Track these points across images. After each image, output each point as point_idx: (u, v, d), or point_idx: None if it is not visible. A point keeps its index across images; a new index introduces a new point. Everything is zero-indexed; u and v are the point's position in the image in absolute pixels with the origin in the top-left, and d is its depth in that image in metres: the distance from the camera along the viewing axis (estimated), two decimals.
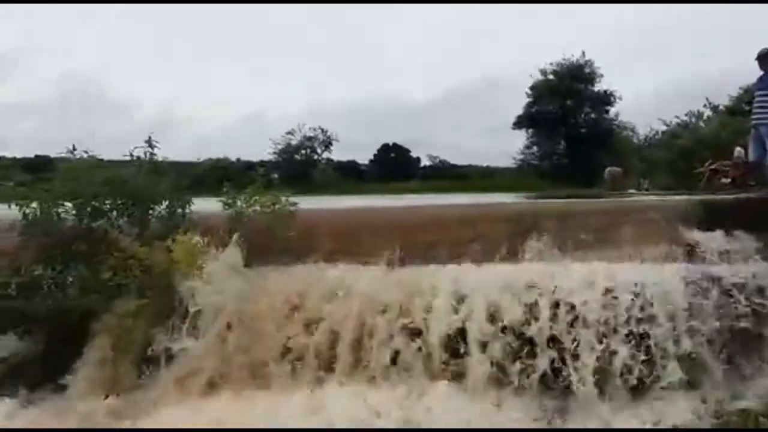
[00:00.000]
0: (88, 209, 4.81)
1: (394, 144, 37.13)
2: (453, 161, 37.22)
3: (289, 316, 4.32)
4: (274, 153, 34.31)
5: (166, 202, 5.04)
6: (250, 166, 26.40)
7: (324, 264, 4.80)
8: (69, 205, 4.86)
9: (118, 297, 4.46)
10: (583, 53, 26.78)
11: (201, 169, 24.12)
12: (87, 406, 3.91)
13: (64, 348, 4.40)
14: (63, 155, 5.03)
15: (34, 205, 4.80)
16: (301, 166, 32.96)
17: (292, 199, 5.08)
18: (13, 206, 4.71)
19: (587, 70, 27.15)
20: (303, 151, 34.49)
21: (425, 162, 38.06)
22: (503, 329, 4.08)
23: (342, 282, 4.50)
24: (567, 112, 26.99)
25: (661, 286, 4.22)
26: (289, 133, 34.31)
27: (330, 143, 35.07)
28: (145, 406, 3.90)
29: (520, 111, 27.93)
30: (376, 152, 36.66)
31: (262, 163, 28.63)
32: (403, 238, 4.96)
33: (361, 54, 57.65)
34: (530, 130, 28.31)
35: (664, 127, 22.99)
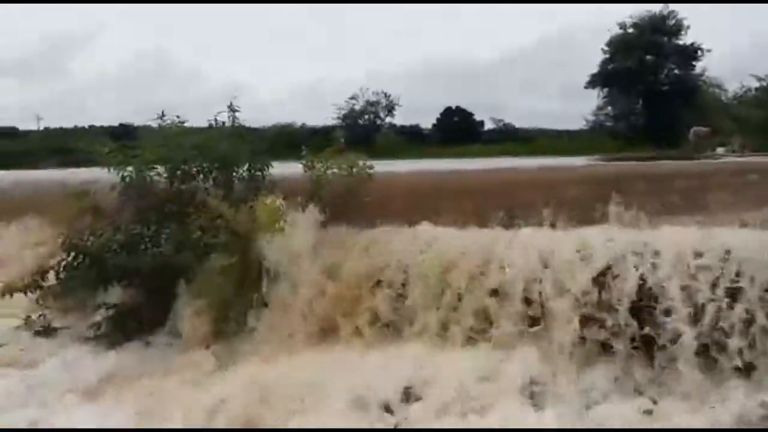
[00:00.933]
0: (179, 173, 5.07)
1: (457, 107, 36.28)
2: (518, 124, 35.98)
3: (373, 277, 4.38)
4: (338, 118, 34.53)
5: (248, 166, 5.23)
6: (314, 131, 26.71)
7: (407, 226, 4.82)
8: (160, 169, 5.15)
9: (208, 255, 4.72)
10: (667, 4, 24.76)
11: (268, 134, 24.64)
12: (191, 355, 4.20)
13: (161, 300, 4.76)
14: (150, 123, 5.29)
15: (130, 169, 5.13)
16: (364, 131, 32.95)
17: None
18: (112, 170, 5.03)
19: (671, 22, 25.13)
20: (366, 116, 34.53)
21: (489, 125, 36.99)
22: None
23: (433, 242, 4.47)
24: (646, 68, 25.20)
25: None
26: (351, 98, 34.32)
27: (393, 108, 34.87)
28: (242, 356, 4.14)
29: (594, 69, 26.42)
30: (438, 116, 36.03)
31: (326, 129, 28.85)
32: (486, 200, 4.86)
33: (427, 14, 56.24)
34: (605, 89, 26.74)
35: (758, 84, 21.07)
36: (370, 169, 5.07)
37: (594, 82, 26.60)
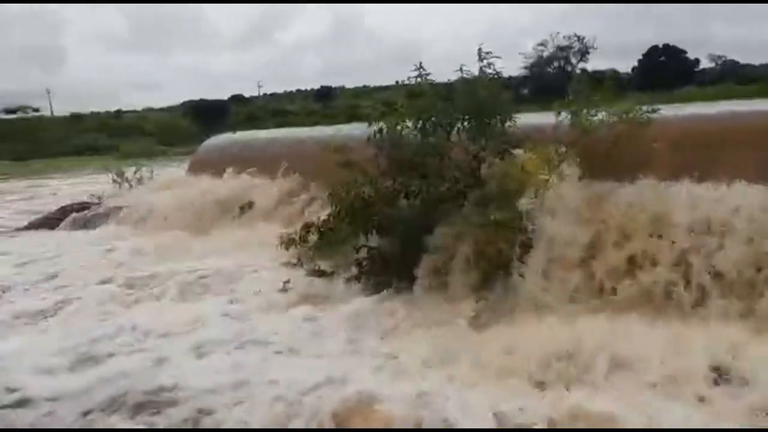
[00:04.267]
0: (430, 126, 4.93)
1: (665, 45, 31.32)
2: (743, 61, 29.84)
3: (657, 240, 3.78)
4: (525, 68, 32.45)
5: (499, 117, 4.87)
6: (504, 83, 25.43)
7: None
8: (410, 124, 5.07)
9: (462, 207, 4.56)
10: None
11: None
12: (456, 305, 4.12)
13: (417, 251, 4.76)
14: (405, 81, 5.17)
15: (380, 123, 5.14)
16: (554, 78, 30.45)
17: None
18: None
19: None
20: (555, 63, 31.87)
21: (705, 64, 31.37)
22: None
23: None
24: None
25: None
26: (540, 44, 31.87)
27: (587, 51, 31.57)
28: (505, 312, 3.93)
29: None
30: (641, 57, 31.58)
31: (510, 79, 27.34)
32: None
33: None
34: None
35: None
36: (652, 112, 4.31)
37: None
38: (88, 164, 25.86)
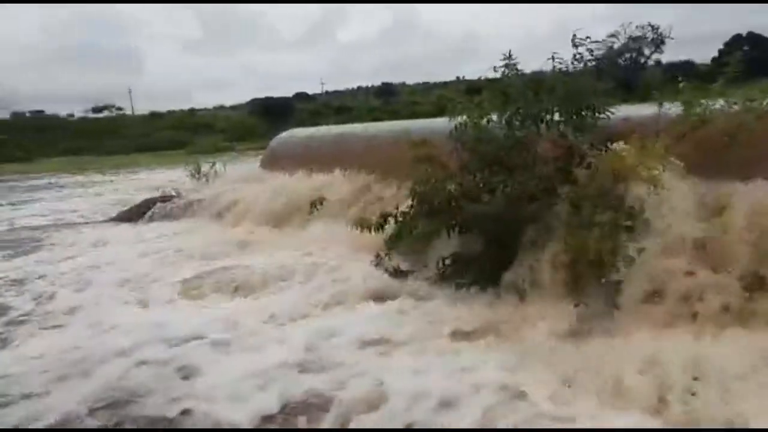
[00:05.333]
0: (517, 120, 4.59)
1: (750, 33, 28.80)
2: None
3: None
4: (593, 60, 30.77)
5: (591, 108, 4.44)
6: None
7: None
8: (494, 117, 4.75)
9: (552, 205, 4.20)
10: None
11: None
12: (548, 310, 3.77)
13: (502, 250, 4.44)
14: (491, 75, 4.85)
15: (463, 117, 4.85)
16: (624, 71, 28.73)
17: None
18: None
19: None
20: (627, 55, 30.02)
21: None
22: None
23: None
24: None
25: None
26: (611, 36, 30.08)
27: (662, 42, 29.52)
28: (607, 322, 3.54)
29: None
30: (722, 47, 29.20)
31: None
32: None
33: None
34: None
35: None
36: None
37: None
38: (166, 159, 27.18)
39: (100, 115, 49.00)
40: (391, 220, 5.25)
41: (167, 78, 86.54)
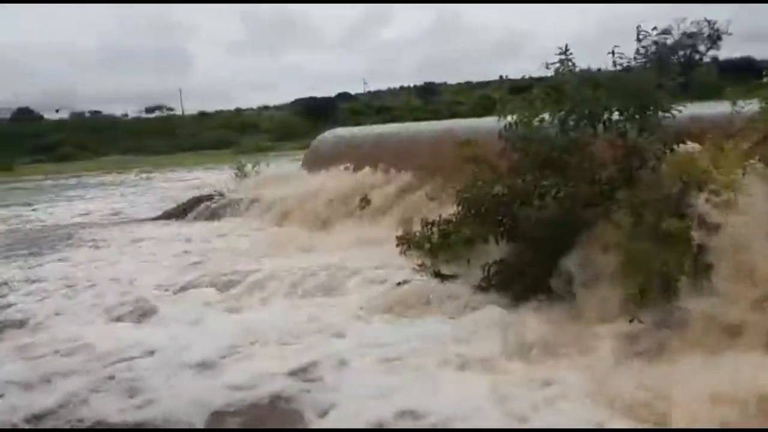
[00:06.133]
0: (572, 119, 4.26)
1: None
2: None
3: None
4: (643, 57, 29.42)
5: (659, 107, 4.07)
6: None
7: None
8: (546, 116, 4.44)
9: (609, 210, 3.86)
10: None
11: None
12: (606, 327, 3.45)
13: (554, 259, 4.13)
14: (542, 72, 4.54)
15: (513, 117, 4.56)
16: (679, 69, 27.20)
17: None
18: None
19: None
20: (681, 52, 28.53)
21: None
22: None
23: None
24: None
25: None
26: (663, 32, 28.64)
27: (719, 38, 27.95)
28: (669, 343, 3.19)
29: None
30: None
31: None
32: None
33: None
34: None
35: None
36: None
37: None
38: (212, 159, 27.84)
39: (152, 115, 50.80)
40: (435, 231, 5.06)
41: (214, 79, 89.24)
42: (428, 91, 43.41)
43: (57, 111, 49.19)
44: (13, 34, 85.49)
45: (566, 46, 4.29)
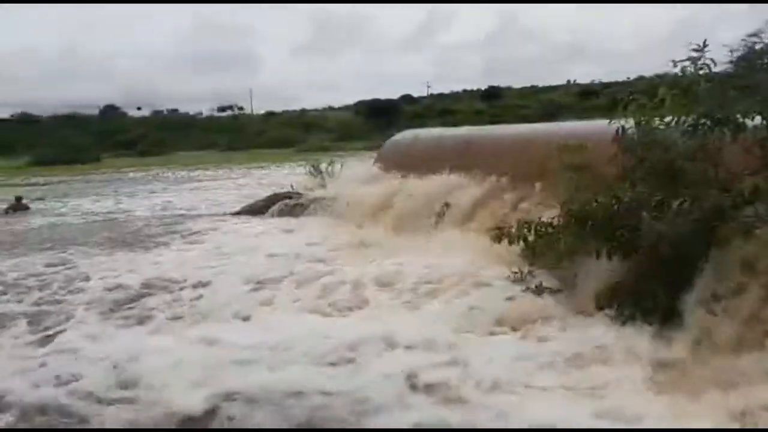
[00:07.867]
0: (706, 124, 3.78)
1: None
2: None
3: None
4: (729, 62, 27.21)
5: None
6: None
7: None
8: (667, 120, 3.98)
9: (746, 225, 3.38)
10: None
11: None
12: (746, 359, 2.99)
13: (675, 281, 3.68)
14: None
15: (629, 120, 4.15)
16: (765, 74, 24.91)
17: None
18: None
19: None
20: None
21: None
22: None
23: None
24: None
25: None
26: (752, 35, 26.33)
27: None
28: None
29: None
30: None
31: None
32: None
33: None
34: None
35: None
36: None
37: None
38: (278, 156, 28.46)
39: (224, 114, 52.86)
40: (531, 230, 4.66)
41: (281, 80, 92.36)
42: (491, 94, 42.31)
43: (139, 108, 52.18)
44: (102, 38, 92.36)
45: (704, 42, 3.83)
